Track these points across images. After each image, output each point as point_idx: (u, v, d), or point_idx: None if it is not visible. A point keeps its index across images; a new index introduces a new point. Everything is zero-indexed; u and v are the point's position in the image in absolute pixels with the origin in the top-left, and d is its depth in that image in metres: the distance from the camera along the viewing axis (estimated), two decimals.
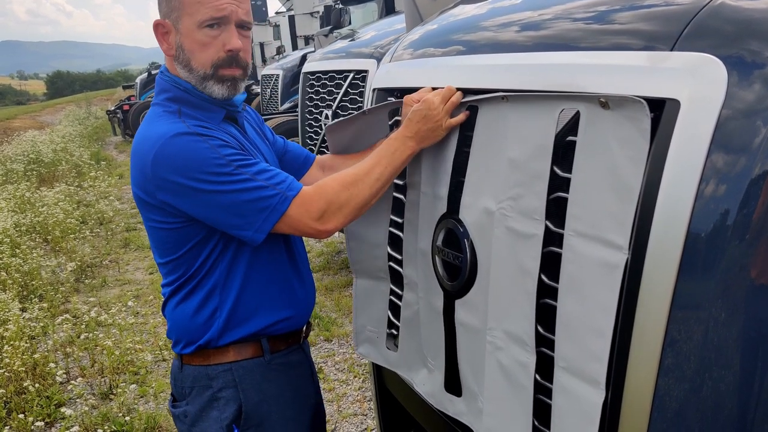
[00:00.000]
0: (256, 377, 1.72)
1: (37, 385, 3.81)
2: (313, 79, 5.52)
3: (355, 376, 3.95)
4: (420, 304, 1.73)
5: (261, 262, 1.71)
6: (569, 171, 1.19)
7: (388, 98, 1.79)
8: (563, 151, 1.24)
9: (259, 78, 10.83)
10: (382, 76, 1.98)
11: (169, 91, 1.68)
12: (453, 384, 1.65)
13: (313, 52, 6.70)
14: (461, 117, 1.56)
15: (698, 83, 0.97)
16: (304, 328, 1.89)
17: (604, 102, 1.09)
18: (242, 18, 1.65)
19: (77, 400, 3.92)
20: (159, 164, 1.52)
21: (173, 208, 1.57)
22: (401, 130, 1.63)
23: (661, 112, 1.03)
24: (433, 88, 1.64)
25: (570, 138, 1.22)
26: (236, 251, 1.67)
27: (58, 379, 3.92)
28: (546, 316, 1.29)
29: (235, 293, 1.68)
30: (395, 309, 1.90)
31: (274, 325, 1.74)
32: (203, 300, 1.68)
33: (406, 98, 1.72)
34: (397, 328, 1.89)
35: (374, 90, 1.99)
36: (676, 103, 0.99)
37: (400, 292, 1.84)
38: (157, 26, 1.67)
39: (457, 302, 1.55)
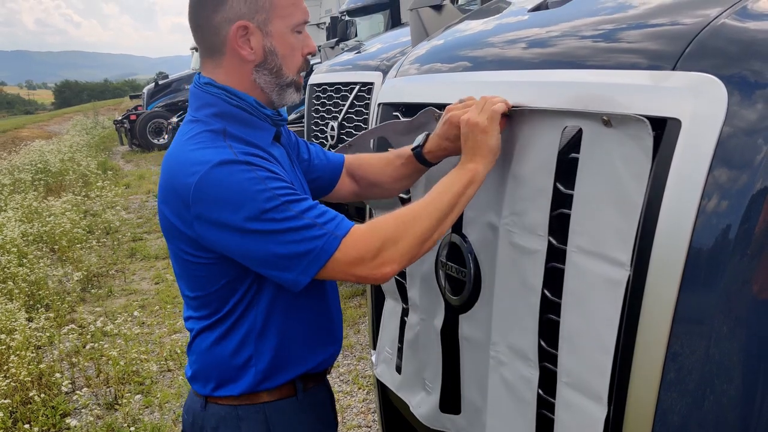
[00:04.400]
0: (289, 417, 1.59)
1: (42, 395, 3.81)
2: (319, 91, 5.55)
3: (360, 388, 3.96)
4: (420, 326, 1.74)
5: (300, 303, 1.54)
6: (572, 187, 1.21)
7: (428, 109, 1.65)
8: (566, 168, 1.26)
9: None
10: (387, 91, 2.01)
11: (214, 105, 1.47)
12: (449, 403, 1.65)
13: (320, 63, 6.74)
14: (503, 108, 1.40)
15: (699, 103, 0.99)
16: None
17: (607, 120, 1.11)
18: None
19: (82, 410, 3.92)
20: (201, 195, 1.35)
21: (209, 242, 1.40)
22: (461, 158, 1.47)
23: (663, 130, 1.04)
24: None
25: (573, 155, 1.24)
26: (274, 292, 1.49)
27: (64, 389, 3.93)
28: (549, 331, 1.31)
29: (273, 342, 1.52)
30: (403, 330, 1.90)
31: (314, 369, 1.61)
32: (238, 345, 1.51)
33: (449, 108, 1.54)
34: (402, 350, 1.90)
35: (380, 105, 2.01)
36: (677, 122, 1.01)
37: (406, 313, 1.86)
38: (239, 29, 1.43)
39: (461, 317, 1.56)
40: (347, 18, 8.83)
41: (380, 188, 1.77)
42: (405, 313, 1.90)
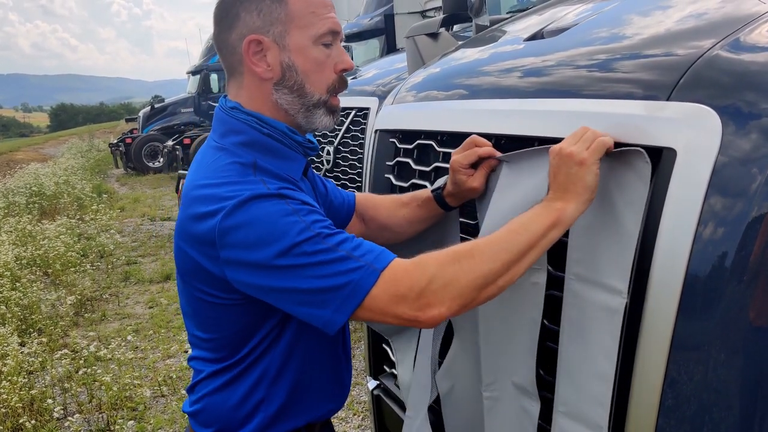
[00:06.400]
0: None
1: (34, 421, 3.77)
2: None
3: (355, 414, 3.92)
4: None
5: (316, 348, 1.43)
6: None
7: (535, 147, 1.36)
8: None
9: None
10: (384, 118, 2.02)
11: (242, 133, 1.33)
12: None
13: None
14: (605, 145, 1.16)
15: (694, 133, 1.00)
16: None
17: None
18: (343, 34, 1.41)
19: None
20: (231, 234, 1.21)
21: (241, 285, 1.26)
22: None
23: (659, 159, 1.06)
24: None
25: None
26: (294, 335, 1.38)
27: (56, 415, 3.88)
28: (546, 359, 1.31)
29: (286, 387, 1.41)
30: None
31: (322, 416, 1.51)
32: (248, 390, 1.39)
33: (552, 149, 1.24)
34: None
35: (376, 131, 2.03)
36: (672, 152, 1.02)
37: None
38: (251, 43, 1.31)
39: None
40: (343, 43, 8.91)
41: (391, 232, 1.66)
42: None
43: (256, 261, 1.20)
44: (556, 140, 1.25)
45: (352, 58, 7.11)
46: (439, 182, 1.55)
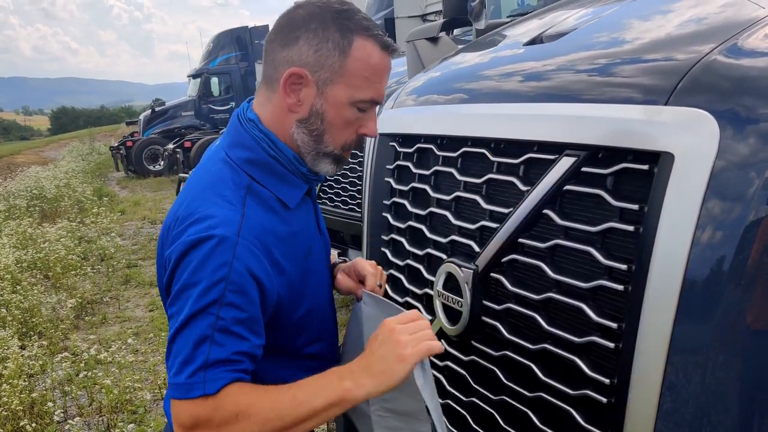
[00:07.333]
0: None
1: (34, 424, 3.77)
2: None
3: None
4: None
5: (285, 372, 1.40)
6: (567, 218, 1.22)
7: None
8: (561, 200, 1.27)
9: None
10: (385, 122, 2.03)
11: (250, 149, 1.35)
12: None
13: None
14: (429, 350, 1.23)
15: (691, 138, 1.01)
16: None
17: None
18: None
19: None
20: (180, 259, 1.24)
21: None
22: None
23: (656, 163, 1.06)
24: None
25: (567, 187, 1.25)
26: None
27: (56, 418, 3.89)
28: (546, 360, 1.31)
29: None
30: None
31: None
32: None
33: (386, 322, 1.29)
34: None
35: (377, 135, 2.03)
36: (670, 156, 1.03)
37: None
38: (292, 75, 1.30)
39: None
40: None
41: None
42: None
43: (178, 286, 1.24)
44: (555, 144, 1.26)
45: None
46: (336, 260, 1.65)
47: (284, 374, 1.37)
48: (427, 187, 1.73)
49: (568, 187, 1.25)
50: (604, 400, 1.15)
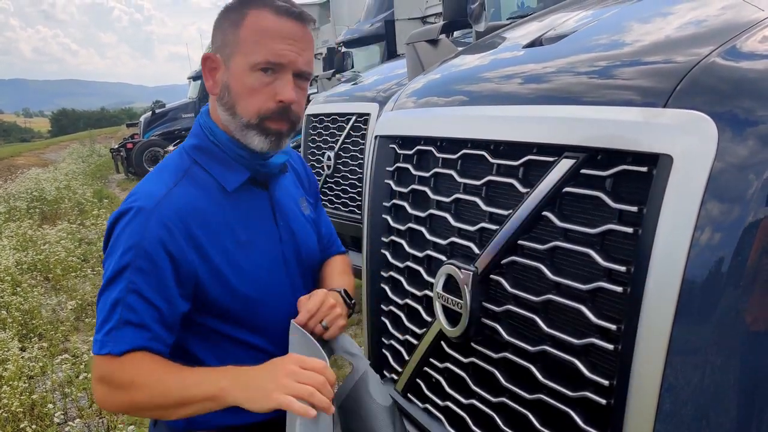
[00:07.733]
0: None
1: (34, 426, 3.77)
2: (316, 122, 5.59)
3: None
4: None
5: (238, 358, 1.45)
6: (566, 220, 1.23)
7: None
8: (560, 202, 1.28)
9: None
10: (385, 124, 2.03)
11: (197, 136, 1.53)
12: None
13: (317, 93, 6.80)
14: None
15: (690, 140, 1.01)
16: None
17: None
18: (302, 68, 1.45)
19: None
20: (108, 230, 1.45)
21: None
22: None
23: (655, 166, 1.06)
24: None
25: (567, 189, 1.26)
26: (203, 341, 1.50)
27: (56, 420, 3.89)
28: (545, 362, 1.31)
29: None
30: None
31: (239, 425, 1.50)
32: None
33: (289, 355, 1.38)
34: None
35: (377, 137, 2.04)
36: (669, 158, 1.03)
37: None
38: (206, 60, 1.48)
39: None
40: (344, 49, 8.94)
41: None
42: None
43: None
44: (555, 146, 1.26)
45: (352, 65, 7.09)
46: None
47: (207, 355, 1.48)
48: (426, 189, 1.74)
49: (567, 189, 1.25)
50: (604, 401, 1.15)
